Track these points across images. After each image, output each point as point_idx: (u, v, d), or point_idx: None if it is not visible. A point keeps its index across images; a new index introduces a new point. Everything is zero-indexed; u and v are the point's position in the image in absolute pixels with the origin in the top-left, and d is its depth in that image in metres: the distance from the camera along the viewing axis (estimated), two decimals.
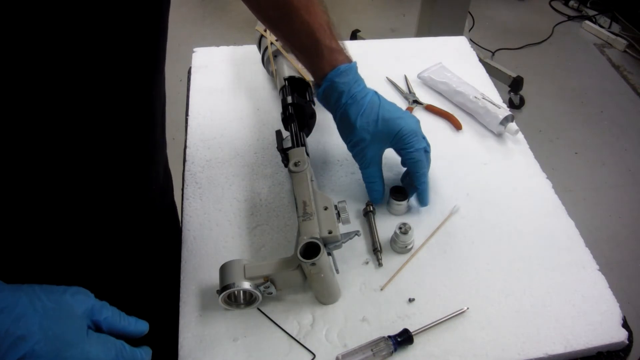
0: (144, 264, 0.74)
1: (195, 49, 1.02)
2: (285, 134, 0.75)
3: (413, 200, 0.76)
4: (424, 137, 0.71)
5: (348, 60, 0.71)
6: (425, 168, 0.71)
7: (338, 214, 0.63)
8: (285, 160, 0.71)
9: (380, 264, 0.68)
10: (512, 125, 0.86)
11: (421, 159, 0.70)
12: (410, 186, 0.74)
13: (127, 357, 0.47)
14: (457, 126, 0.89)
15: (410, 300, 0.65)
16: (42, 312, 0.43)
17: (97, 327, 0.47)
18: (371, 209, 0.73)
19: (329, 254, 0.60)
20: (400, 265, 0.69)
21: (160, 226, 0.80)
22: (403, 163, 0.73)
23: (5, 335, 0.40)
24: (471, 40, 2.17)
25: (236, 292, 0.61)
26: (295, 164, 0.68)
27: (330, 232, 0.60)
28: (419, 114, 0.92)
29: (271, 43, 0.86)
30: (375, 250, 0.69)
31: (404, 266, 0.69)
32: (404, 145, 0.69)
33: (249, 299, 0.63)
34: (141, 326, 0.49)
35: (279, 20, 0.71)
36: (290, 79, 0.79)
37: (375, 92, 0.72)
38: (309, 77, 0.80)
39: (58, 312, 0.44)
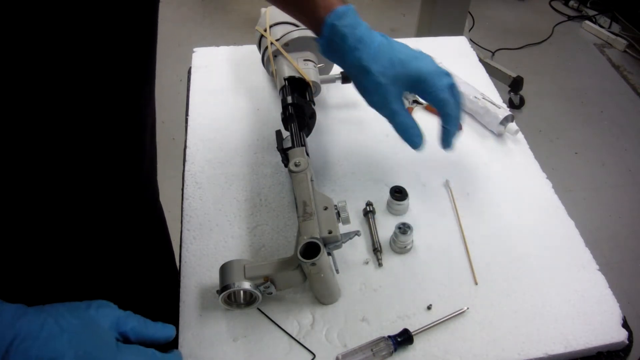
0: (141, 266, 0.74)
1: (195, 49, 1.02)
2: (285, 134, 0.75)
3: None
4: (446, 74, 0.66)
5: (343, 2, 0.65)
6: (453, 107, 0.65)
7: (338, 214, 0.63)
8: (285, 160, 0.71)
9: (380, 264, 0.68)
10: (512, 125, 0.86)
11: (447, 98, 0.65)
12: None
13: None
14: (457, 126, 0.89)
15: (428, 307, 0.64)
16: (69, 331, 0.42)
17: (125, 338, 0.46)
18: (371, 209, 0.73)
19: (329, 254, 0.60)
20: (400, 265, 0.69)
21: (149, 227, 0.80)
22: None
23: None
24: (471, 40, 2.17)
25: (236, 292, 0.61)
26: (295, 164, 0.68)
27: (330, 232, 0.60)
28: (419, 114, 0.92)
29: (271, 43, 0.86)
30: (375, 250, 0.69)
31: (404, 266, 0.69)
32: (426, 87, 0.64)
33: (249, 299, 0.63)
34: (169, 331, 0.49)
35: None
36: (290, 79, 0.79)
37: (384, 35, 0.67)
38: (309, 77, 0.80)
39: (85, 329, 0.43)
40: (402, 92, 0.66)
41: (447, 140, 0.69)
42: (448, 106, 0.65)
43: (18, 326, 0.40)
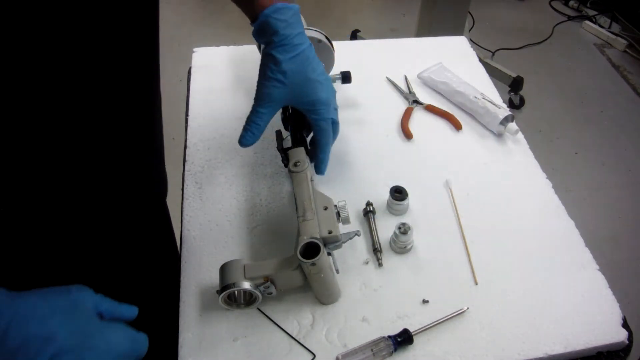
0: (143, 265, 0.74)
1: (195, 49, 1.02)
2: (285, 134, 0.75)
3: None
4: (335, 108, 0.70)
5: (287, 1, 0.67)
6: (329, 138, 0.70)
7: (338, 214, 0.63)
8: (285, 160, 0.71)
9: (380, 264, 0.68)
10: (512, 125, 0.86)
11: (327, 129, 0.69)
12: (313, 153, 0.73)
13: (138, 339, 0.50)
14: (457, 126, 0.89)
15: (425, 301, 0.65)
16: (59, 311, 0.45)
17: (101, 318, 0.49)
18: (371, 209, 0.73)
19: (329, 254, 0.60)
20: (400, 265, 0.69)
21: (156, 224, 0.81)
22: (308, 127, 0.72)
23: (34, 339, 0.42)
24: (471, 40, 2.17)
25: (236, 292, 0.61)
26: (295, 164, 0.68)
27: (330, 232, 0.60)
28: (419, 114, 0.92)
29: None
30: (375, 250, 0.69)
31: (404, 266, 0.69)
32: (314, 112, 0.68)
33: (249, 299, 0.63)
34: (133, 311, 0.53)
35: None
36: None
37: (311, 47, 0.69)
38: None
39: (73, 309, 0.46)
40: (288, 98, 0.68)
41: (320, 167, 0.72)
42: (324, 135, 0.69)
43: (15, 306, 0.42)
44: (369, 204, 0.74)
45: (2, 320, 0.41)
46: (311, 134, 0.78)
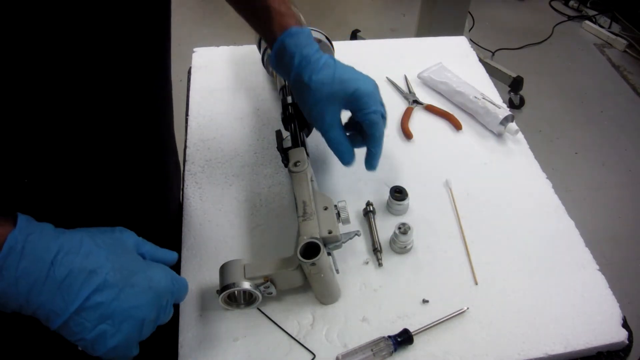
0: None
1: (195, 49, 1.02)
2: (285, 134, 0.75)
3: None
4: (381, 103, 0.69)
5: (300, 24, 0.69)
6: (381, 131, 0.69)
7: (338, 214, 0.63)
8: (285, 160, 0.71)
9: (380, 264, 0.68)
10: (512, 125, 0.86)
11: (377, 122, 0.68)
12: (355, 138, 0.72)
13: (177, 280, 0.53)
14: (457, 126, 0.89)
15: (425, 301, 0.65)
16: (104, 247, 0.47)
17: (142, 258, 0.52)
18: (371, 209, 0.73)
19: (329, 254, 0.60)
20: (400, 265, 0.69)
21: (170, 222, 0.81)
22: (352, 125, 0.72)
23: (79, 272, 0.44)
24: (471, 40, 2.17)
25: (236, 292, 0.61)
26: (295, 164, 0.68)
27: (330, 232, 0.60)
28: (419, 114, 0.92)
29: None
30: (375, 250, 0.69)
31: (404, 266, 0.69)
32: (360, 106, 0.67)
33: (249, 299, 0.63)
34: (174, 255, 0.56)
35: None
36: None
37: (331, 56, 0.69)
38: None
39: (117, 246, 0.49)
40: (339, 108, 0.68)
41: (371, 161, 0.71)
42: (375, 128, 0.68)
43: (61, 240, 0.45)
44: (369, 204, 0.74)
45: (49, 253, 0.43)
46: (310, 134, 0.78)
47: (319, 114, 0.68)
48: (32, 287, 0.42)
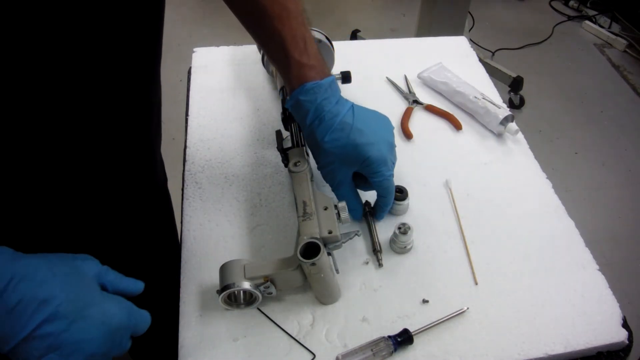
0: (144, 264, 0.74)
1: (195, 49, 1.02)
2: (285, 134, 0.75)
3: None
4: (393, 162, 0.69)
5: (320, 76, 0.65)
6: (392, 193, 0.69)
7: (338, 214, 0.63)
8: (285, 160, 0.71)
9: (380, 265, 0.68)
10: (512, 125, 0.86)
11: (389, 186, 0.68)
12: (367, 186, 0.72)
13: (136, 314, 0.51)
14: (457, 126, 0.89)
15: (425, 301, 0.65)
16: (60, 276, 0.46)
17: (103, 289, 0.51)
18: (368, 209, 0.73)
19: (329, 254, 0.60)
20: (400, 265, 0.69)
21: (157, 221, 0.81)
22: (365, 182, 0.71)
23: (30, 300, 0.43)
24: (471, 40, 2.17)
25: (236, 292, 0.61)
26: (295, 164, 0.68)
27: (330, 232, 0.60)
28: (419, 114, 0.92)
29: None
30: (375, 250, 0.69)
31: (404, 266, 0.69)
32: (371, 173, 0.66)
33: (249, 299, 0.63)
34: (139, 285, 0.54)
35: (255, 26, 0.69)
36: None
37: (351, 108, 0.67)
38: None
39: (74, 276, 0.47)
40: (350, 170, 0.68)
41: (380, 214, 0.72)
42: (388, 193, 0.68)
43: (16, 267, 0.43)
44: (367, 204, 0.74)
45: (2, 279, 0.42)
46: None
47: (330, 173, 0.68)
48: None
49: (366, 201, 0.74)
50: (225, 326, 0.62)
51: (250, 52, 1.00)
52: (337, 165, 0.67)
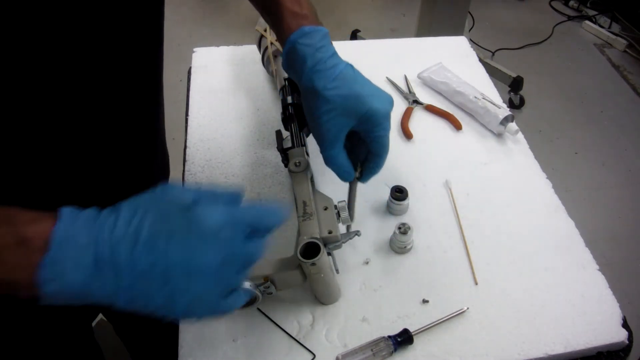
0: None
1: (195, 49, 1.02)
2: (285, 134, 0.75)
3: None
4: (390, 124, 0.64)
5: (315, 24, 0.63)
6: (387, 153, 0.65)
7: (338, 214, 0.63)
8: (285, 160, 0.71)
9: (351, 218, 0.65)
10: (512, 125, 0.86)
11: (387, 144, 0.63)
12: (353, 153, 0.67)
13: (242, 210, 0.47)
14: (457, 126, 0.89)
15: (425, 301, 0.65)
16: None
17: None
18: (358, 175, 0.68)
19: (329, 254, 0.60)
20: (400, 265, 0.69)
21: None
22: (353, 143, 0.66)
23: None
24: (471, 40, 2.17)
25: None
26: (295, 164, 0.68)
27: (330, 232, 0.60)
28: (419, 114, 0.92)
29: (271, 43, 0.86)
30: (350, 207, 0.66)
31: (404, 266, 0.69)
32: (373, 126, 0.61)
33: (249, 299, 0.63)
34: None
35: None
36: (290, 79, 0.79)
37: (350, 65, 0.63)
38: None
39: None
40: (348, 125, 0.63)
41: (368, 177, 0.67)
42: (383, 150, 0.64)
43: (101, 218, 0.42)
44: (358, 167, 0.68)
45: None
46: (310, 134, 0.78)
47: (327, 124, 0.62)
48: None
49: (359, 164, 0.69)
50: (225, 326, 0.62)
51: (250, 52, 1.00)
52: (336, 116, 0.61)
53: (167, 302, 0.42)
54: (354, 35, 2.50)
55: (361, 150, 0.67)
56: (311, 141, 0.81)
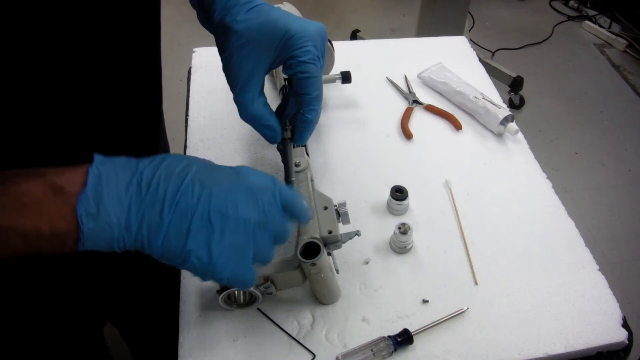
0: (144, 264, 0.74)
1: (195, 49, 1.02)
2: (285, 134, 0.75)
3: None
4: (322, 53, 0.53)
5: None
6: (318, 88, 0.53)
7: (338, 214, 0.63)
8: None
9: (291, 182, 0.61)
10: (512, 125, 0.86)
11: (314, 73, 0.52)
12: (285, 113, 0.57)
13: (280, 184, 0.46)
14: (457, 126, 0.89)
15: (425, 301, 0.65)
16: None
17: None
18: (289, 135, 0.60)
19: (329, 254, 0.60)
20: (400, 266, 0.69)
21: None
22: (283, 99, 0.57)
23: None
24: (471, 40, 2.17)
25: (236, 292, 0.61)
26: (295, 164, 0.68)
27: (330, 232, 0.60)
28: (419, 114, 0.92)
29: None
30: (288, 180, 0.61)
31: (404, 266, 0.69)
32: (293, 50, 0.51)
33: (249, 299, 0.63)
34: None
35: None
36: (290, 79, 0.79)
37: (270, 6, 0.54)
38: None
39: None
40: (265, 59, 0.52)
41: (302, 133, 0.56)
42: (310, 83, 0.52)
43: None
44: (287, 126, 0.60)
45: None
46: None
47: (237, 65, 0.52)
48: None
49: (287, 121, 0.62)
50: (225, 326, 0.62)
51: None
52: (250, 51, 0.51)
53: (202, 246, 0.41)
54: (354, 35, 2.50)
55: (291, 105, 0.58)
56: (311, 141, 0.81)
